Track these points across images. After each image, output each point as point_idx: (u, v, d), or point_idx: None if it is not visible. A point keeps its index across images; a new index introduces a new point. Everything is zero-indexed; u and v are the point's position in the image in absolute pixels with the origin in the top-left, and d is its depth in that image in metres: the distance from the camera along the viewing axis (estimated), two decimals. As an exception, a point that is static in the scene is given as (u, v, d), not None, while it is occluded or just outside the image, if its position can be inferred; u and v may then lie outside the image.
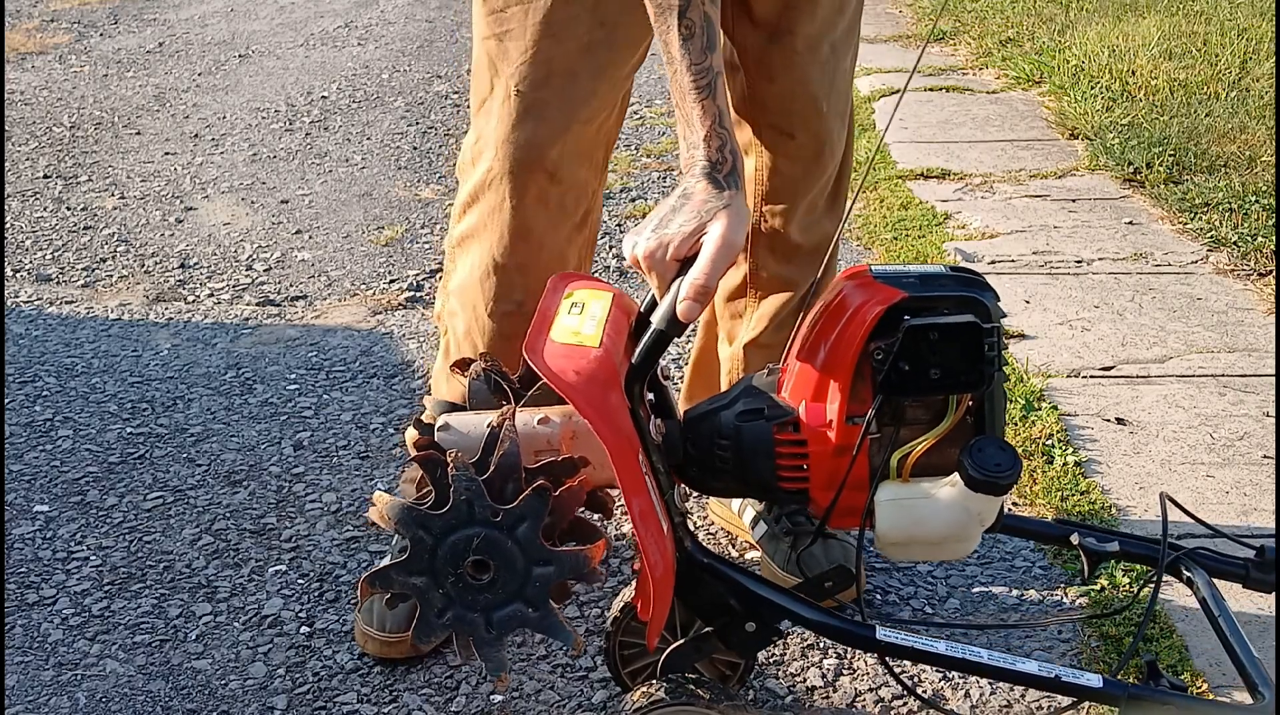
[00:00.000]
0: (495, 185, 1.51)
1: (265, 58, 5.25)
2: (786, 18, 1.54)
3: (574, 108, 1.47)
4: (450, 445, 1.16)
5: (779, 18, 1.54)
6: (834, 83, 1.60)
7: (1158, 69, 4.20)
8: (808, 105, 1.59)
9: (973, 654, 1.22)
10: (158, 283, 2.94)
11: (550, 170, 1.49)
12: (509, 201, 1.51)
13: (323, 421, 2.25)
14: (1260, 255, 2.78)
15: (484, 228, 1.54)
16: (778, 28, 1.54)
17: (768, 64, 1.57)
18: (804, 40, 1.55)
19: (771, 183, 1.64)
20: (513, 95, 1.47)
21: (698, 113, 1.17)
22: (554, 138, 1.48)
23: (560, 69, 1.46)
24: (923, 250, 2.90)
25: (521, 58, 1.46)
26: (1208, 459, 2.02)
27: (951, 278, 1.20)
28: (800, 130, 1.60)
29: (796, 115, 1.59)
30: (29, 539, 1.91)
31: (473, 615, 1.13)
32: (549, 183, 1.50)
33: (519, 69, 1.46)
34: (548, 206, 1.52)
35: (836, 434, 1.18)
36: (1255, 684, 1.19)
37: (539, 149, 1.48)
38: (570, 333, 1.15)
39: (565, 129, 1.48)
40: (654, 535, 1.11)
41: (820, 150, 1.63)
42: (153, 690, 1.58)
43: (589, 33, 1.44)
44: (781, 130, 1.61)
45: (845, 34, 1.62)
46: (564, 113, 1.47)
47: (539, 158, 1.48)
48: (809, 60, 1.57)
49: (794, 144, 1.61)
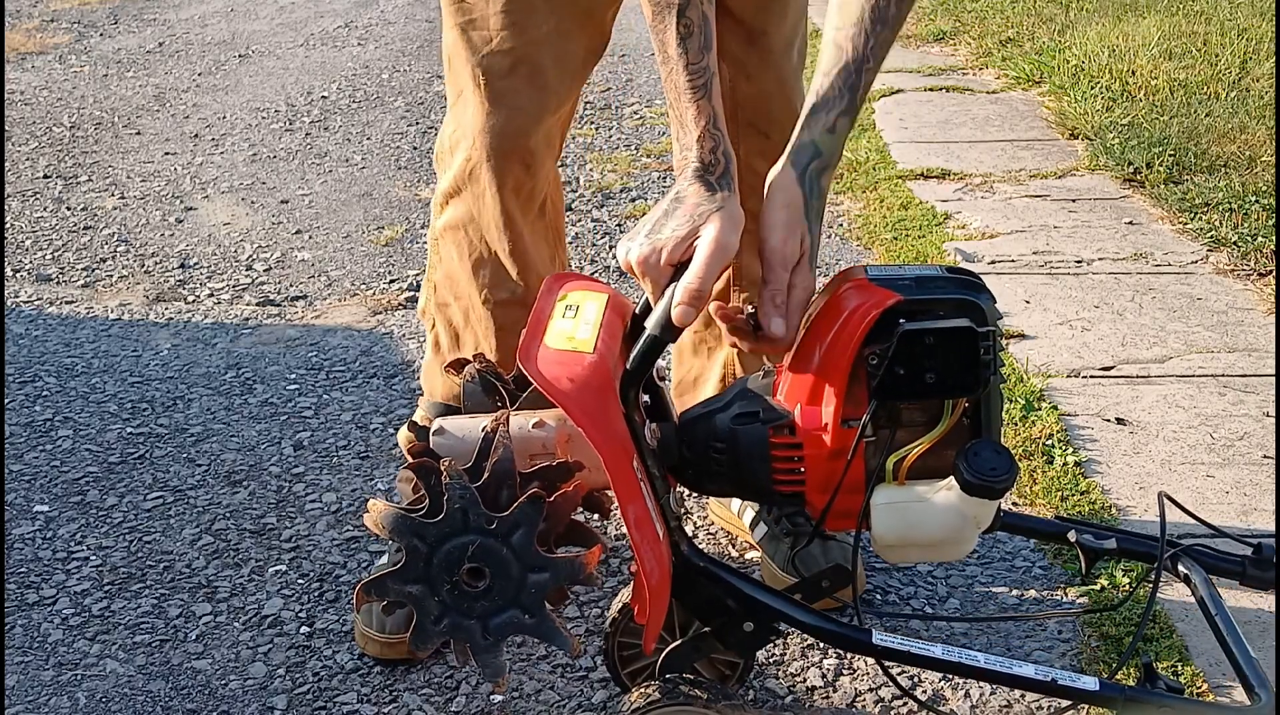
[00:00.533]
0: (477, 174, 1.52)
1: (265, 58, 5.26)
2: (760, 18, 1.56)
3: (544, 97, 1.49)
4: (445, 450, 1.16)
5: (753, 17, 1.56)
6: (802, 87, 1.63)
7: (1158, 69, 4.20)
8: (783, 105, 1.61)
9: (969, 657, 1.22)
10: (158, 283, 2.95)
11: (526, 161, 1.51)
12: (490, 189, 1.52)
13: (323, 421, 2.25)
14: (1260, 255, 2.78)
15: (470, 218, 1.56)
16: (753, 27, 1.56)
17: (745, 63, 1.58)
18: (778, 40, 1.58)
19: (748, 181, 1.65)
20: (480, 84, 1.49)
21: (692, 113, 1.17)
22: (529, 124, 1.49)
23: (523, 57, 1.47)
24: (923, 250, 2.90)
25: (486, 46, 1.48)
26: (1208, 459, 2.02)
27: (947, 280, 1.19)
28: (775, 130, 1.61)
29: (773, 115, 1.61)
30: (29, 539, 1.91)
31: (469, 622, 1.13)
32: (524, 173, 1.53)
33: (484, 58, 1.48)
34: (520, 195, 1.55)
35: (832, 437, 1.18)
36: (1252, 684, 1.19)
37: (515, 138, 1.49)
38: (565, 338, 1.15)
39: (538, 118, 1.50)
40: (649, 542, 1.11)
41: None
42: (153, 690, 1.58)
43: (546, 22, 1.46)
44: (758, 129, 1.62)
45: (803, 41, 1.67)
46: (535, 102, 1.49)
47: (515, 146, 1.50)
48: (784, 60, 1.60)
49: (769, 143, 1.61)
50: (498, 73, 1.49)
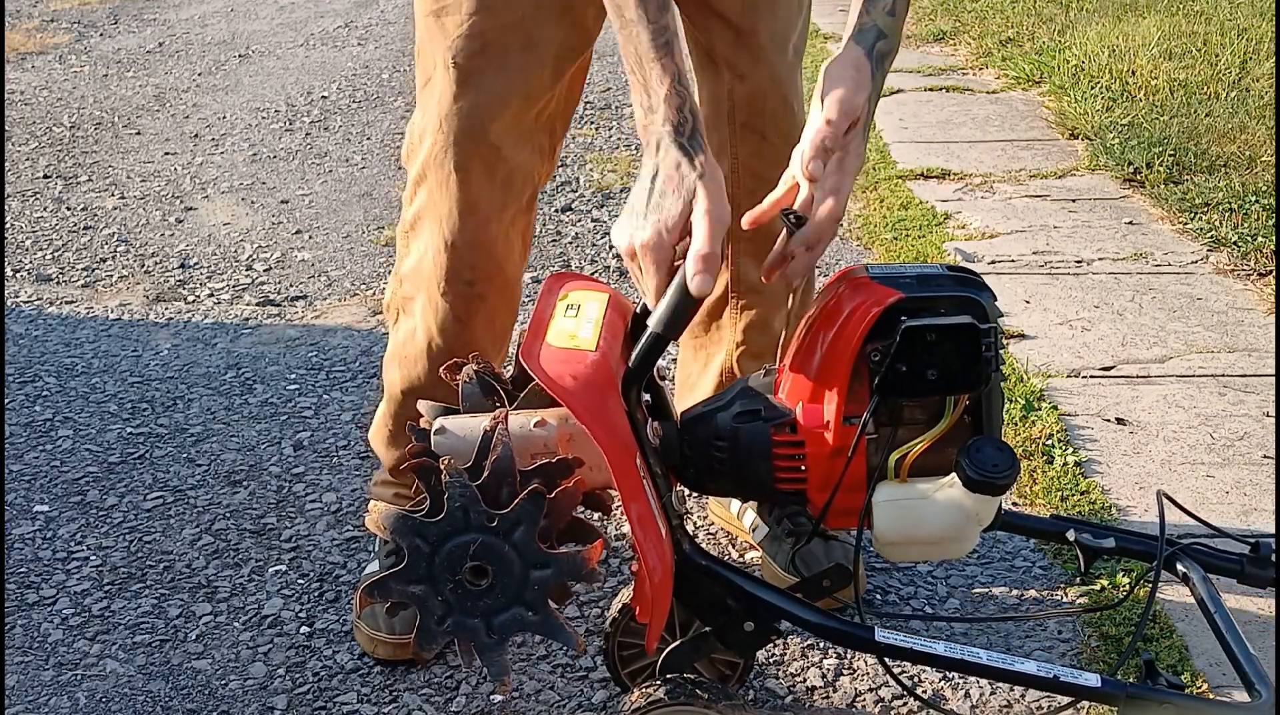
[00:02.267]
0: (441, 160, 1.51)
1: (265, 58, 5.26)
2: (748, 17, 1.55)
3: (510, 80, 1.48)
4: (445, 450, 1.16)
5: (741, 16, 1.55)
6: (799, 85, 1.61)
7: (1158, 69, 4.20)
8: (778, 104, 1.60)
9: (971, 655, 1.22)
10: (158, 283, 2.95)
11: (494, 143, 1.49)
12: (454, 175, 1.50)
13: (323, 421, 2.25)
14: (1260, 255, 2.78)
15: (433, 205, 1.54)
16: (741, 26, 1.55)
17: (737, 62, 1.58)
18: (769, 37, 1.56)
19: (746, 184, 1.64)
20: (450, 67, 1.48)
21: (656, 72, 1.16)
22: (494, 110, 1.48)
23: (493, 41, 1.47)
24: (923, 250, 2.90)
25: (457, 30, 1.47)
26: (1208, 459, 2.02)
27: (949, 278, 1.20)
28: (771, 130, 1.60)
29: (767, 114, 1.60)
30: (29, 539, 1.91)
31: (473, 621, 1.13)
32: (494, 157, 1.50)
33: (455, 41, 1.47)
34: (494, 181, 1.52)
35: (834, 435, 1.18)
36: (1252, 681, 1.19)
37: (480, 119, 1.48)
38: (566, 336, 1.15)
39: (504, 103, 1.48)
40: (652, 540, 1.11)
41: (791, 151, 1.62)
42: (153, 690, 1.58)
43: (520, 6, 1.46)
44: (753, 130, 1.61)
45: (801, 38, 1.63)
46: (501, 83, 1.47)
47: (481, 129, 1.48)
48: (776, 59, 1.58)
49: (766, 144, 1.61)
50: (466, 54, 1.47)
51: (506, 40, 1.47)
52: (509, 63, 1.47)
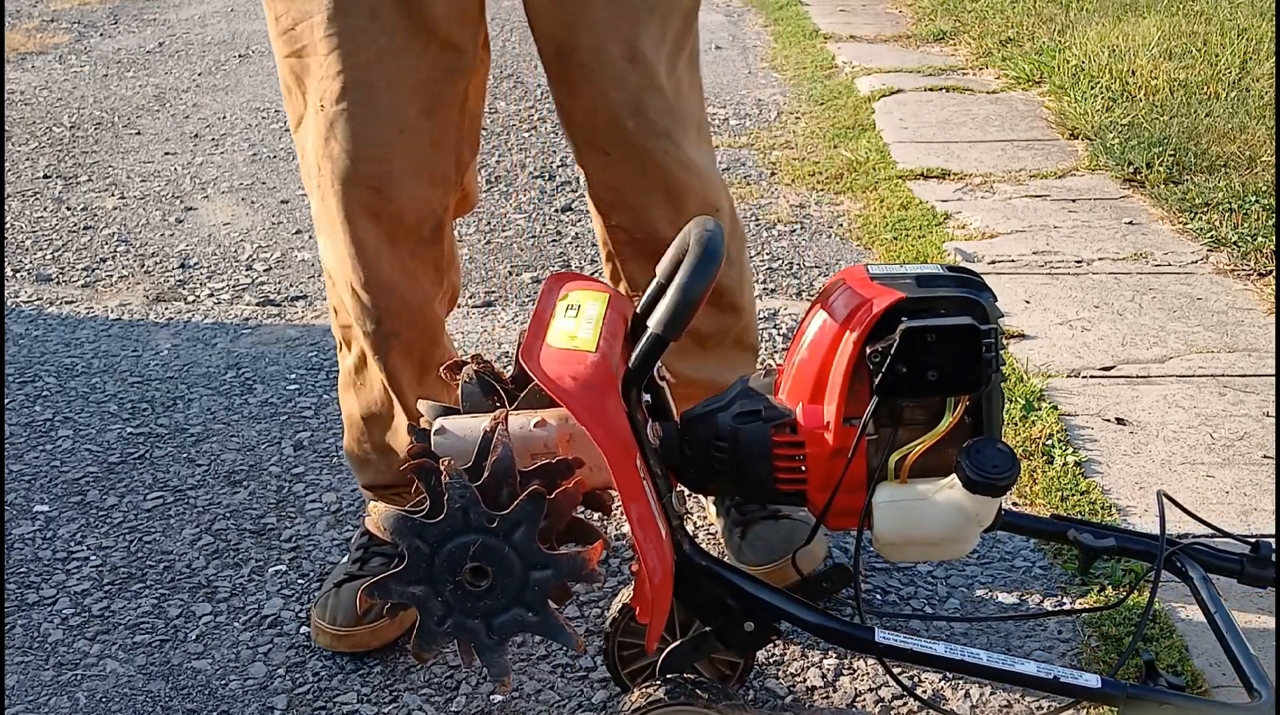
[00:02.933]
0: (326, 202, 1.48)
1: (265, 58, 5.26)
2: (570, 34, 1.47)
3: (378, 119, 1.43)
4: (446, 450, 1.16)
5: (562, 33, 1.48)
6: (642, 99, 1.49)
7: (1158, 69, 4.20)
8: (608, 120, 1.50)
9: (971, 655, 1.22)
10: (158, 283, 2.95)
11: (374, 185, 1.46)
12: (338, 218, 1.48)
13: (323, 421, 2.25)
14: (1260, 255, 2.78)
15: (332, 247, 1.52)
16: (563, 43, 1.48)
17: (566, 78, 1.51)
18: (591, 54, 1.46)
19: (604, 197, 1.60)
20: (318, 110, 1.44)
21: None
22: (367, 151, 1.44)
23: (354, 81, 1.42)
24: (923, 250, 2.90)
25: (320, 72, 1.43)
26: (1208, 459, 2.02)
27: (949, 278, 1.20)
28: (612, 147, 1.53)
29: (600, 129, 1.52)
30: (29, 539, 1.91)
31: (473, 622, 1.13)
32: (374, 198, 1.46)
33: (319, 83, 1.43)
34: (379, 222, 1.48)
35: (834, 436, 1.18)
36: (1252, 682, 1.19)
37: (353, 162, 1.44)
38: (566, 336, 1.15)
39: (377, 141, 1.44)
40: (653, 541, 1.11)
41: (643, 167, 1.54)
42: (153, 690, 1.58)
43: (375, 42, 1.41)
44: (595, 147, 1.54)
45: (655, 45, 1.48)
46: (370, 123, 1.43)
47: (356, 172, 1.45)
48: (601, 74, 1.47)
49: (610, 160, 1.54)
50: (333, 97, 1.43)
51: (370, 79, 1.42)
52: (376, 101, 1.43)
